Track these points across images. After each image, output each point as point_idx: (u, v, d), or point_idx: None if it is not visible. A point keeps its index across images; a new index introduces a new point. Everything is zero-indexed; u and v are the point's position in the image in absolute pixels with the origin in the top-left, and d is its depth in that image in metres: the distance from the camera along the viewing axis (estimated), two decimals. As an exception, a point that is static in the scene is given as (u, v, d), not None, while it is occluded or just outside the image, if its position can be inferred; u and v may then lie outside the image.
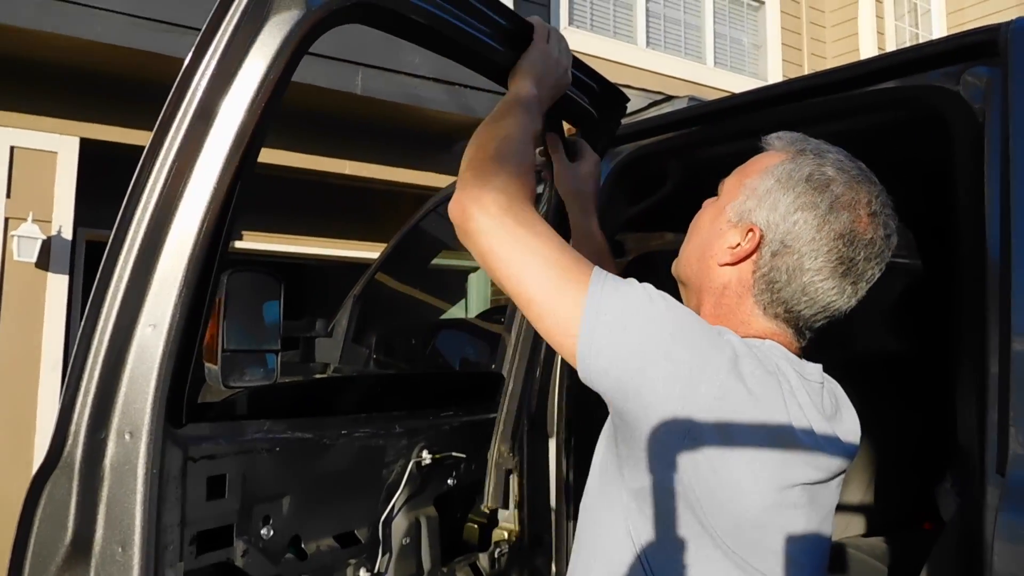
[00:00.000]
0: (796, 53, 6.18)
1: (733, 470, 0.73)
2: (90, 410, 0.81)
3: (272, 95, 0.86)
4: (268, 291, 2.16)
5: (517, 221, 0.78)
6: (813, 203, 0.81)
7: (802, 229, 0.81)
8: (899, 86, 1.09)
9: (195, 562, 0.89)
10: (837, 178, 0.83)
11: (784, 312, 0.84)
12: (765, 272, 0.83)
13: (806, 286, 0.81)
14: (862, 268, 0.82)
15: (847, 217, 0.81)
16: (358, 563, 1.18)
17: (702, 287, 0.89)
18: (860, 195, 0.83)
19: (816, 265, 0.81)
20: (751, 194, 0.85)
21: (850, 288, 0.83)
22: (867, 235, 0.82)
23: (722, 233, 0.87)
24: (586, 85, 1.31)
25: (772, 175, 0.85)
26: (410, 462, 1.25)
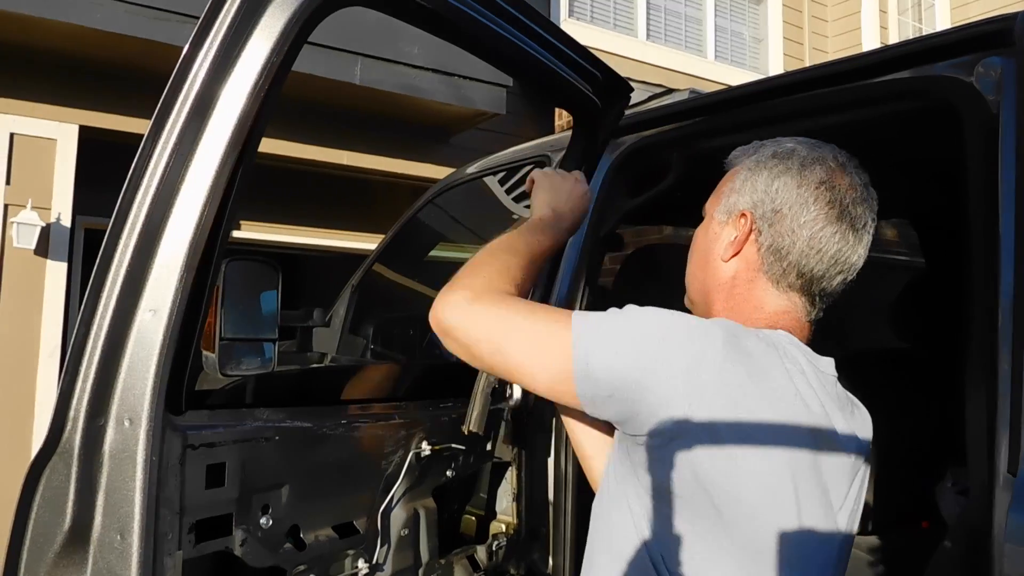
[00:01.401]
0: (797, 47, 6.16)
1: (748, 455, 0.74)
2: (89, 396, 0.81)
3: (275, 80, 0.85)
4: (266, 280, 2.15)
5: (484, 303, 0.82)
6: (785, 168, 0.87)
7: (785, 192, 0.86)
8: (909, 77, 1.08)
9: (194, 551, 0.89)
10: (798, 147, 0.89)
11: (797, 277, 0.86)
12: (769, 244, 0.86)
13: (810, 239, 0.84)
14: (853, 211, 0.85)
15: (820, 168, 0.86)
16: (356, 554, 1.17)
17: (710, 289, 0.91)
18: (824, 152, 0.88)
19: (811, 215, 0.84)
20: (729, 194, 0.91)
21: (852, 234, 0.85)
22: (844, 181, 0.86)
23: (717, 236, 0.91)
24: (589, 73, 1.30)
25: (742, 172, 0.91)
26: (409, 453, 1.25)
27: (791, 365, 0.80)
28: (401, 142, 4.42)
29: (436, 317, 0.84)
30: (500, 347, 0.80)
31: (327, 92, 3.81)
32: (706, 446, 0.73)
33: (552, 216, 1.03)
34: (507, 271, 0.89)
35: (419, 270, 3.36)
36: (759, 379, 0.76)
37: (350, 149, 4.31)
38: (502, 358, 0.80)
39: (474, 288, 0.84)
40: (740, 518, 0.75)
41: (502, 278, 0.87)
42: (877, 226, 0.90)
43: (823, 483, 0.80)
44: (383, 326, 2.65)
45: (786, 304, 0.87)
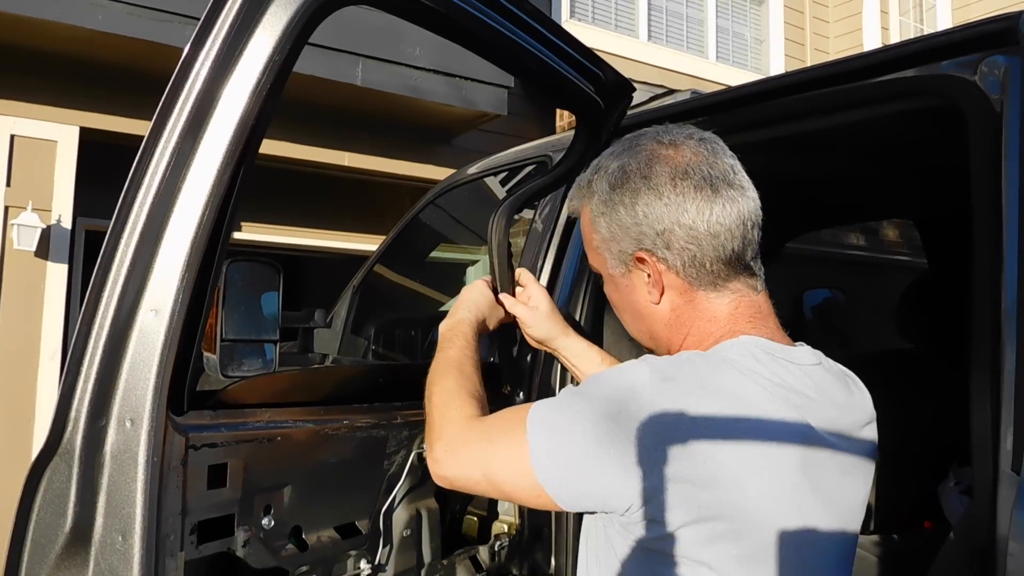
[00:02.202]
0: (799, 48, 6.16)
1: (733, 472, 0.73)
2: (90, 396, 0.80)
3: (277, 79, 0.85)
4: (267, 281, 2.15)
5: (458, 451, 0.85)
6: (633, 190, 0.84)
7: (654, 211, 0.82)
8: (913, 76, 1.07)
9: (196, 552, 0.88)
10: (622, 160, 0.86)
11: (725, 266, 0.83)
12: (682, 263, 0.83)
13: (709, 229, 0.81)
14: (715, 171, 0.82)
15: (659, 165, 0.83)
16: (359, 555, 1.17)
17: (660, 333, 0.89)
18: (646, 144, 0.85)
19: (692, 210, 0.81)
20: (607, 244, 0.88)
21: (732, 191, 0.82)
22: (685, 154, 0.83)
23: (631, 287, 0.89)
24: (592, 73, 1.30)
25: (596, 219, 0.88)
26: (411, 453, 1.25)
27: (757, 374, 0.77)
28: (403, 143, 4.43)
29: (435, 476, 0.88)
30: (491, 483, 0.83)
31: (329, 93, 3.82)
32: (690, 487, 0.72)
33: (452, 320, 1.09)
34: (453, 392, 0.92)
35: (420, 271, 3.36)
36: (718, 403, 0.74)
37: (352, 150, 4.31)
38: (497, 491, 0.84)
39: (444, 436, 0.87)
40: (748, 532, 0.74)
41: (456, 406, 0.90)
42: (879, 228, 0.89)
43: (820, 482, 0.79)
44: (384, 327, 2.65)
45: (733, 296, 0.84)
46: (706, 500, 0.72)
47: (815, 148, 1.56)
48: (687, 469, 0.72)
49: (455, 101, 4.10)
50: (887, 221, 4.78)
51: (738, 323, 0.84)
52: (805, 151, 1.61)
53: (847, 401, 0.86)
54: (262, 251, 4.51)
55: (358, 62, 3.78)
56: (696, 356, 0.80)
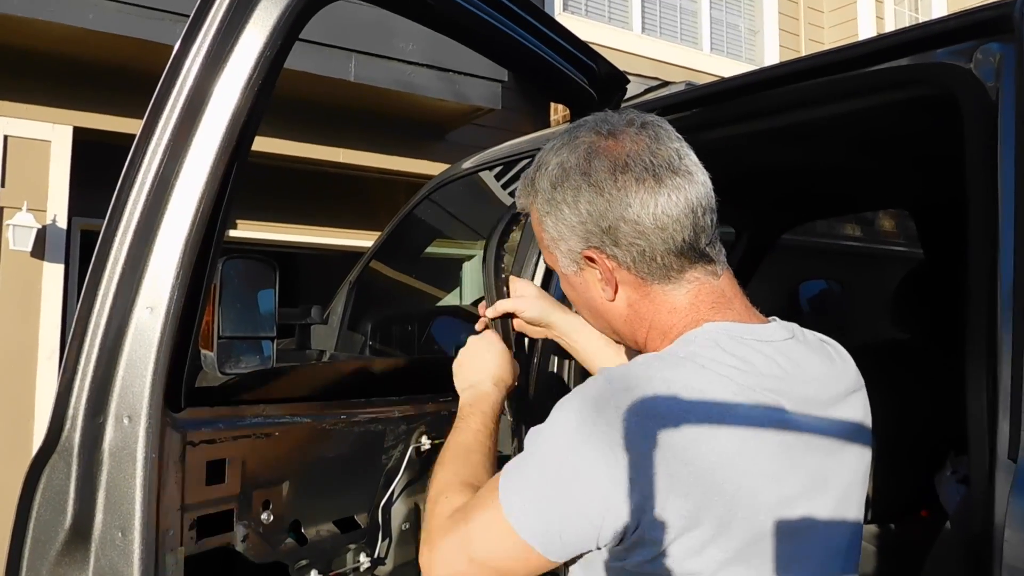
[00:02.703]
0: (793, 38, 6.15)
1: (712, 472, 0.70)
2: (88, 394, 0.80)
3: (268, 75, 0.85)
4: (263, 278, 2.15)
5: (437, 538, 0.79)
6: (574, 187, 0.80)
7: (595, 207, 0.79)
8: (907, 65, 1.06)
9: (195, 547, 0.89)
10: (563, 158, 0.82)
11: (678, 257, 0.79)
12: (631, 258, 0.80)
13: (655, 221, 0.77)
14: (658, 159, 0.78)
15: (598, 160, 0.79)
16: (358, 548, 1.18)
17: (620, 327, 0.87)
18: (584, 138, 0.82)
19: (636, 204, 0.77)
20: (555, 243, 0.85)
21: (678, 178, 0.78)
22: (624, 145, 0.79)
23: (585, 284, 0.86)
24: (586, 66, 1.30)
25: (543, 218, 0.85)
26: (409, 448, 1.25)
27: (720, 363, 0.74)
28: (396, 139, 4.42)
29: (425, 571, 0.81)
30: (476, 563, 0.76)
31: (322, 89, 3.81)
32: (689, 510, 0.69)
33: (471, 391, 1.04)
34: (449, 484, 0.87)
35: (416, 266, 3.36)
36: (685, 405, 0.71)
37: (345, 146, 4.30)
38: (486, 570, 0.76)
39: (426, 537, 0.82)
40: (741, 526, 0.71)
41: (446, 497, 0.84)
42: (875, 218, 0.88)
43: (807, 464, 0.76)
44: (381, 323, 2.65)
45: (690, 286, 0.81)
46: (690, 508, 0.69)
47: (809, 139, 1.56)
48: (666, 481, 0.69)
49: (448, 96, 4.09)
50: (881, 212, 4.80)
51: (700, 311, 0.81)
52: (799, 142, 1.61)
53: (828, 372, 0.83)
54: (257, 248, 4.51)
55: (351, 58, 3.77)
56: (653, 359, 0.77)
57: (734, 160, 1.69)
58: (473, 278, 5.01)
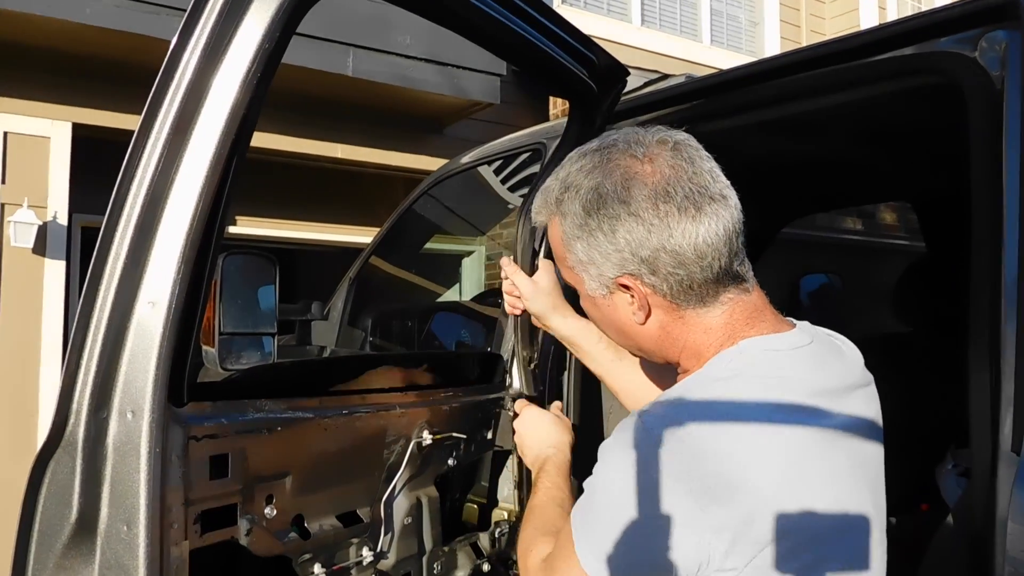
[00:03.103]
0: (794, 30, 6.13)
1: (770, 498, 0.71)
2: (91, 389, 0.81)
3: (267, 67, 0.85)
4: (263, 274, 2.15)
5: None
6: (610, 215, 0.78)
7: (634, 236, 0.77)
8: (911, 54, 1.06)
9: (200, 541, 0.89)
10: (595, 179, 0.80)
11: (715, 283, 0.79)
12: (668, 287, 0.79)
13: (695, 249, 0.77)
14: (697, 186, 0.77)
15: (635, 186, 0.77)
16: (360, 542, 1.18)
17: (650, 348, 0.87)
18: (620, 162, 0.79)
19: (677, 234, 0.76)
20: (584, 267, 0.83)
21: (715, 204, 0.78)
22: (663, 171, 0.77)
23: (613, 307, 0.84)
24: (586, 58, 1.29)
25: (571, 241, 0.83)
26: (411, 442, 1.26)
27: (758, 380, 0.75)
28: (395, 134, 4.41)
29: None
30: None
31: (320, 84, 3.80)
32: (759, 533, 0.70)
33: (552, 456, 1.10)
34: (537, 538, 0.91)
35: (416, 261, 3.35)
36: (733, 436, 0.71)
37: (344, 142, 4.29)
38: None
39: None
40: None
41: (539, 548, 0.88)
42: (875, 211, 0.88)
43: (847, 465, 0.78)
44: (382, 318, 2.66)
45: (724, 307, 0.80)
46: (755, 535, 0.69)
47: (811, 130, 1.56)
48: (730, 514, 0.69)
49: (447, 90, 4.08)
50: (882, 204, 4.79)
51: (736, 329, 0.80)
52: (800, 133, 1.61)
53: (845, 369, 0.85)
54: (255, 245, 4.50)
55: (349, 52, 3.76)
56: (689, 393, 0.76)
57: (734, 152, 1.69)
58: (472, 275, 5.01)
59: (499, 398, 1.48)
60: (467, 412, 1.39)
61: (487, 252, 4.92)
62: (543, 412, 1.22)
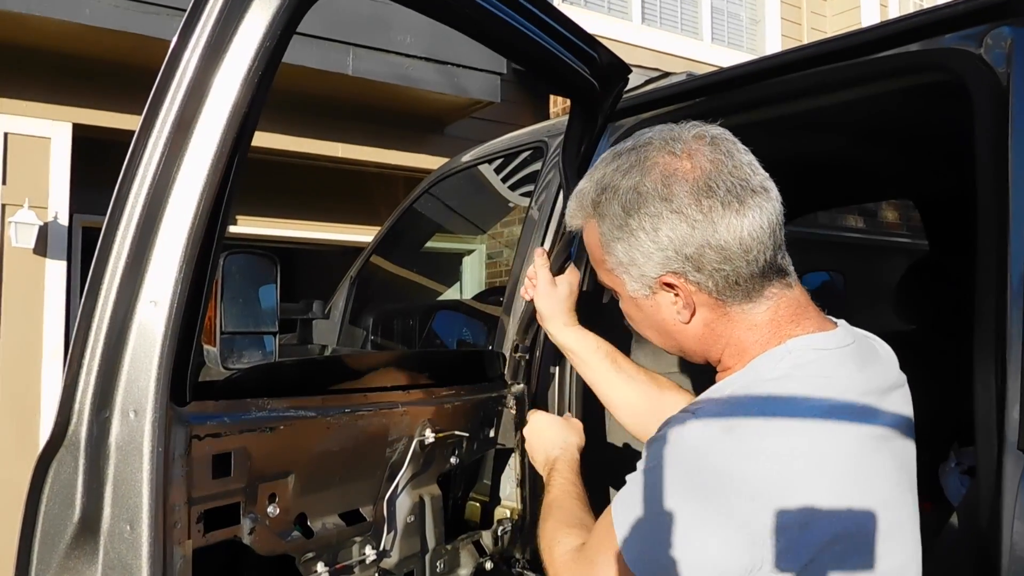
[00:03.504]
0: (796, 28, 6.12)
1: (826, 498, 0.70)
2: (93, 388, 0.81)
3: (269, 65, 0.85)
4: (265, 273, 2.14)
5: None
6: (652, 213, 0.77)
7: (678, 234, 0.76)
8: (915, 51, 1.05)
9: (203, 540, 0.89)
10: (633, 178, 0.79)
11: (759, 280, 0.78)
12: (713, 283, 0.77)
13: (741, 244, 0.75)
14: (740, 177, 0.76)
15: (677, 183, 0.76)
16: (363, 541, 1.18)
17: (693, 348, 0.85)
18: (657, 159, 0.78)
19: (722, 229, 0.75)
20: (624, 268, 0.82)
21: (758, 198, 0.77)
22: (703, 165, 0.76)
23: (655, 307, 0.83)
24: (587, 55, 1.29)
25: (610, 243, 0.82)
26: (413, 441, 1.25)
27: (808, 381, 0.74)
28: (395, 133, 4.41)
29: None
30: None
31: (320, 84, 3.80)
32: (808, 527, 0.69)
33: (560, 455, 1.13)
34: (560, 529, 0.93)
35: (418, 260, 3.35)
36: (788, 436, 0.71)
37: (344, 141, 4.29)
38: None
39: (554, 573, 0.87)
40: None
41: (559, 544, 0.89)
42: (878, 209, 0.88)
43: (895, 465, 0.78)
44: (383, 317, 2.65)
45: (770, 302, 0.79)
46: (809, 538, 0.68)
47: (814, 128, 1.55)
48: (785, 515, 0.67)
49: (447, 89, 4.07)
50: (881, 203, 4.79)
51: (781, 327, 0.79)
52: (803, 132, 1.61)
53: (884, 369, 0.84)
54: (255, 244, 4.50)
55: (349, 51, 3.75)
56: (742, 391, 0.75)
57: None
58: (472, 273, 5.01)
59: (501, 396, 1.48)
60: (469, 410, 1.39)
61: (488, 251, 4.92)
62: (551, 416, 1.27)
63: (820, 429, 0.71)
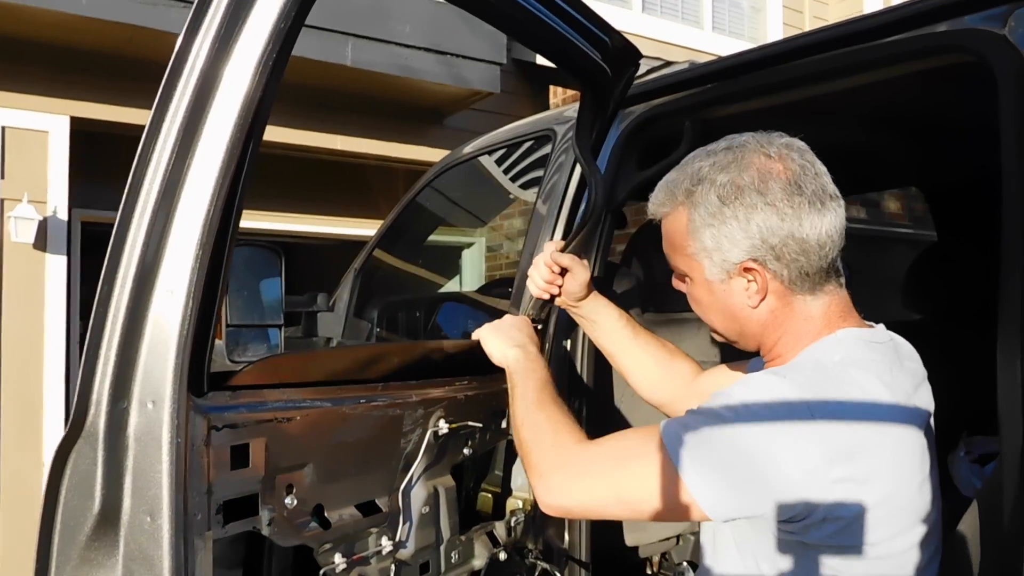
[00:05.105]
0: (797, 16, 6.08)
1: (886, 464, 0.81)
2: (111, 379, 0.79)
3: (282, 49, 0.83)
4: (269, 266, 2.13)
5: (578, 476, 0.88)
6: (747, 204, 0.86)
7: (768, 224, 0.86)
8: (936, 32, 1.04)
9: (222, 531, 0.88)
10: (731, 174, 0.88)
11: (824, 275, 0.88)
12: (789, 275, 0.87)
13: (818, 241, 0.86)
14: (821, 184, 0.87)
15: (772, 181, 0.86)
16: (380, 532, 1.17)
17: (751, 332, 0.94)
18: (754, 160, 0.88)
19: (806, 225, 0.85)
20: (708, 253, 0.91)
21: (834, 203, 0.87)
22: (792, 165, 0.87)
23: (728, 291, 0.92)
24: (599, 39, 1.27)
25: (699, 229, 0.90)
26: (427, 431, 1.25)
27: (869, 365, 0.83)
28: (395, 125, 4.38)
29: (549, 507, 0.91)
30: (625, 503, 0.86)
31: (318, 75, 3.76)
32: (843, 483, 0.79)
33: (520, 352, 1.12)
34: (556, 424, 0.96)
35: (423, 250, 3.34)
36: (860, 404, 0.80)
37: (343, 133, 4.26)
38: (632, 510, 0.86)
39: (560, 465, 0.90)
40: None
41: (563, 434, 0.93)
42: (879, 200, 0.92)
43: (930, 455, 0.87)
44: (389, 309, 2.64)
45: (826, 297, 0.90)
46: (868, 495, 0.78)
47: (826, 115, 1.53)
48: (849, 469, 0.77)
49: (447, 79, 4.05)
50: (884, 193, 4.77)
51: (832, 320, 0.89)
52: (815, 118, 1.58)
53: (914, 364, 0.93)
54: (253, 237, 4.48)
55: (347, 42, 3.72)
56: (823, 362, 0.84)
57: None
58: (472, 267, 4.99)
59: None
60: (482, 401, 1.38)
61: (500, 242, 4.90)
62: (527, 320, 1.26)
63: (882, 408, 0.81)
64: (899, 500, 0.82)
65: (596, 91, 1.38)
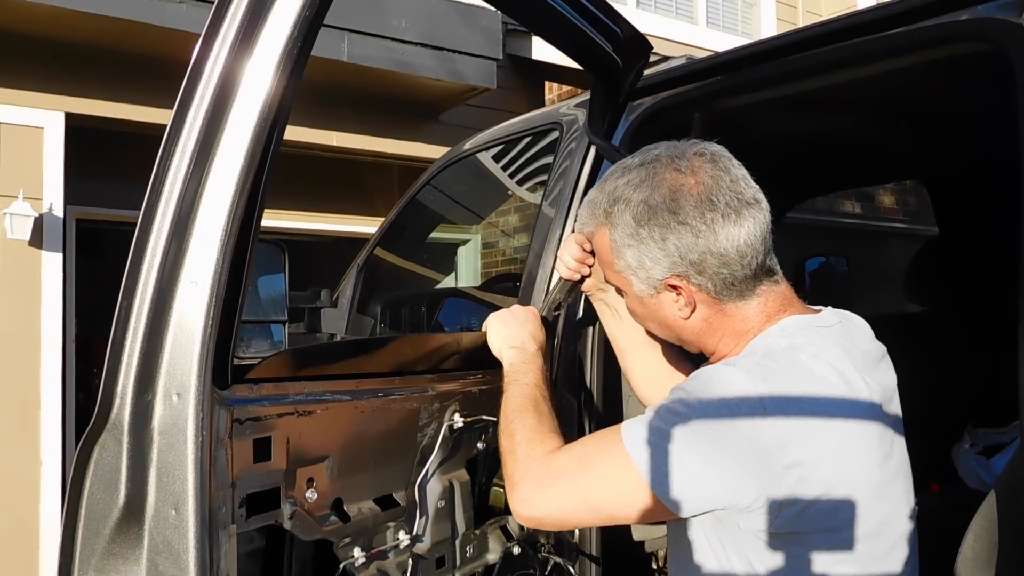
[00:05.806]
0: (791, 11, 6.10)
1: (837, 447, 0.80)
2: (136, 371, 0.78)
3: (306, 40, 0.82)
4: (273, 261, 2.10)
5: (547, 486, 0.87)
6: (660, 224, 0.87)
7: (683, 242, 0.86)
8: (951, 21, 1.04)
9: (245, 524, 0.87)
10: (643, 193, 0.88)
11: (752, 280, 0.88)
12: (713, 285, 0.87)
13: (738, 251, 0.86)
14: (736, 191, 0.86)
15: (684, 197, 0.86)
16: (397, 526, 1.17)
17: (691, 340, 0.95)
18: (665, 176, 0.88)
19: (722, 238, 0.85)
20: (633, 271, 0.92)
21: (753, 209, 0.87)
22: (705, 179, 0.86)
23: (659, 305, 0.93)
24: (610, 30, 1.27)
25: (620, 249, 0.91)
26: (443, 425, 1.24)
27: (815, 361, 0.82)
28: (391, 121, 4.36)
29: (522, 517, 0.90)
30: (592, 508, 0.85)
31: (314, 70, 3.71)
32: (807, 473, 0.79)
33: (515, 354, 1.10)
34: (530, 432, 0.94)
35: (426, 247, 3.32)
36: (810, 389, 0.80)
37: (339, 130, 4.24)
38: (600, 515, 0.88)
39: (530, 475, 0.89)
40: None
41: (535, 444, 0.92)
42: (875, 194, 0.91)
43: (889, 435, 0.86)
44: (392, 304, 2.63)
45: (760, 298, 0.90)
46: (823, 476, 0.78)
47: (834, 106, 1.53)
48: (802, 452, 0.77)
49: (443, 75, 4.03)
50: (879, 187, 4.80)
51: (771, 314, 0.90)
52: (822, 110, 1.59)
53: (868, 342, 0.93)
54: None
55: (343, 37, 3.70)
56: (772, 349, 0.84)
57: (750, 130, 1.66)
58: (468, 264, 4.98)
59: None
60: (495, 395, 1.37)
61: (502, 238, 4.88)
62: (535, 311, 1.23)
63: (832, 388, 0.81)
64: (858, 479, 0.81)
65: (607, 82, 1.38)
